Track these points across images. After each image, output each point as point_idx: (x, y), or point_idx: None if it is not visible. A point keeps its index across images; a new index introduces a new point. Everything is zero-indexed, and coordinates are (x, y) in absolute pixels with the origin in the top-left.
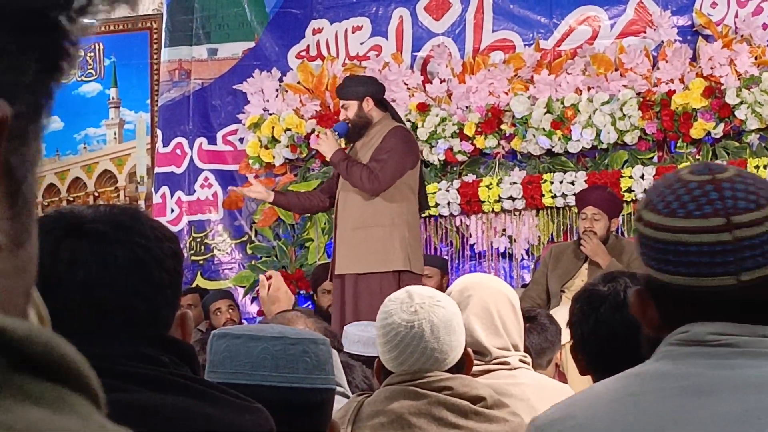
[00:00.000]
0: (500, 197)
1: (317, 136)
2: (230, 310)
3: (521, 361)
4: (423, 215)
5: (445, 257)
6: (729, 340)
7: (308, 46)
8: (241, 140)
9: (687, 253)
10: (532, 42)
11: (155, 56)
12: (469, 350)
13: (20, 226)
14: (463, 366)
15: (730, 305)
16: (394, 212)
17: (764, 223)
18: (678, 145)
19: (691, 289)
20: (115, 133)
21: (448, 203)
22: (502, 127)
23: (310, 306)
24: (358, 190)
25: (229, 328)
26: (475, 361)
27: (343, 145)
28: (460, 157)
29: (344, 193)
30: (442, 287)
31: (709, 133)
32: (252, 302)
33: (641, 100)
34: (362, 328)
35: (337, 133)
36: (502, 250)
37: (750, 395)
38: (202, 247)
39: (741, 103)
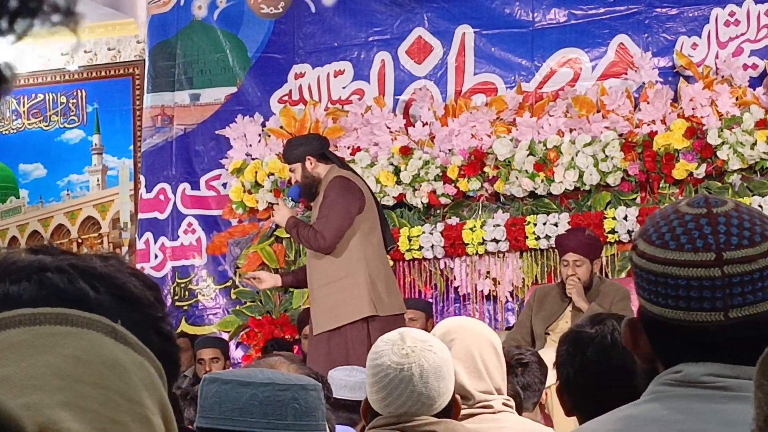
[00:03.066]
0: (484, 240)
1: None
2: (213, 362)
3: (504, 404)
4: (390, 248)
5: (430, 300)
6: (723, 383)
7: (290, 91)
8: (224, 185)
9: (676, 287)
10: (513, 84)
11: (138, 102)
12: (458, 396)
13: None
14: (450, 412)
15: (720, 342)
16: (350, 262)
17: (757, 260)
18: (661, 185)
19: (679, 323)
20: (98, 180)
21: (432, 246)
22: (485, 169)
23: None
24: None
25: (219, 373)
26: None
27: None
28: (443, 200)
29: (308, 256)
30: (426, 330)
31: (691, 174)
32: (237, 347)
33: (623, 141)
34: (347, 373)
35: (291, 198)
36: (486, 292)
37: None
38: (186, 293)
39: (723, 143)
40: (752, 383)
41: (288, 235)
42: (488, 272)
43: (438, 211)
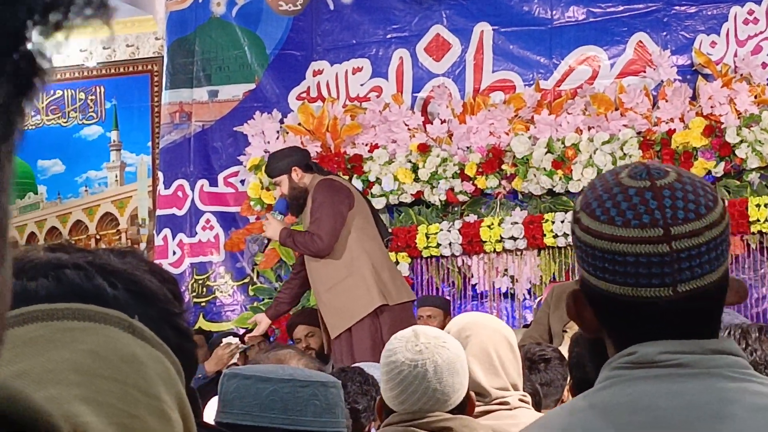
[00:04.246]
0: (502, 237)
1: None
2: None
3: (521, 400)
4: (387, 240)
5: (447, 297)
6: (679, 360)
7: (309, 88)
8: (242, 182)
9: (624, 263)
10: (532, 82)
11: (156, 99)
12: (472, 393)
13: None
14: (465, 407)
15: (669, 317)
16: (352, 258)
17: (704, 233)
18: None
19: (627, 299)
20: (116, 176)
21: (450, 244)
22: (503, 167)
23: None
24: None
25: (240, 368)
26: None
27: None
28: (461, 198)
29: (307, 263)
30: (444, 327)
31: (709, 172)
32: None
33: (641, 139)
34: (368, 368)
35: (278, 212)
36: (503, 290)
37: (704, 424)
38: (204, 289)
39: (741, 141)
40: (708, 357)
41: None
42: (506, 270)
43: (456, 209)
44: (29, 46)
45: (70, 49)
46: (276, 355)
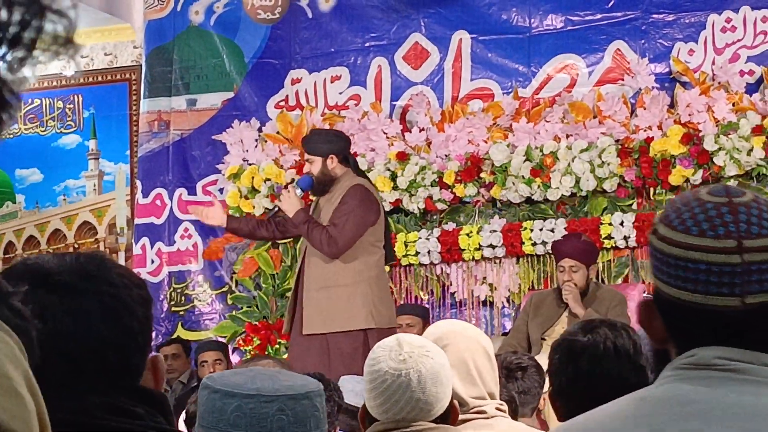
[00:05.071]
0: (480, 245)
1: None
2: (216, 364)
3: (498, 409)
4: (391, 265)
5: (426, 306)
6: (735, 366)
7: (287, 96)
8: (221, 190)
9: (696, 271)
10: (510, 90)
11: (134, 107)
12: (455, 402)
13: None
14: (448, 417)
15: (735, 327)
16: (355, 270)
17: None
18: (657, 191)
19: (696, 307)
20: (94, 185)
21: (429, 252)
22: (482, 175)
23: None
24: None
25: (214, 378)
26: None
27: (310, 198)
28: (439, 206)
29: (309, 254)
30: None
31: (687, 180)
32: (233, 352)
33: (620, 147)
34: (359, 380)
35: (300, 188)
36: (482, 298)
37: (747, 423)
38: (183, 298)
39: (719, 149)
40: (764, 369)
41: (284, 240)
42: (485, 278)
43: (434, 217)
44: None
45: None
46: (255, 364)
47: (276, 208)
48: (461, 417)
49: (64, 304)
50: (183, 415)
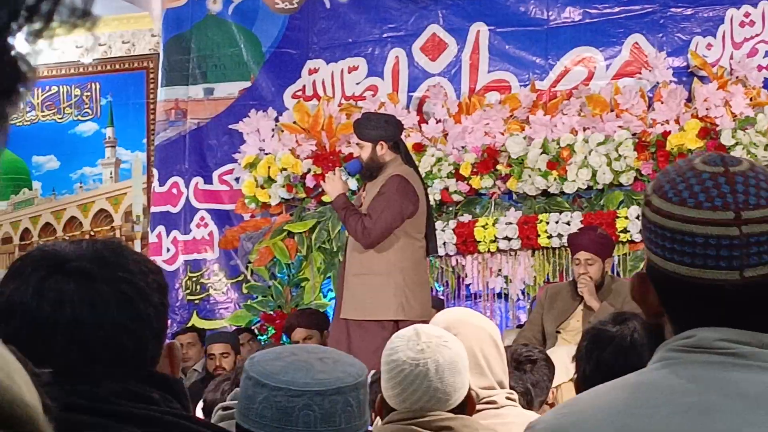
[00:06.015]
0: (496, 237)
1: (315, 176)
2: (223, 357)
3: (507, 398)
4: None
5: (441, 297)
6: (736, 349)
7: (304, 86)
8: (237, 180)
9: (693, 244)
10: (527, 82)
11: (152, 96)
12: (473, 392)
13: None
14: (465, 407)
15: (733, 303)
16: (389, 260)
17: None
18: None
19: (693, 281)
20: (111, 173)
21: (444, 243)
22: (498, 167)
23: None
24: None
25: (250, 363)
26: None
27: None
28: (456, 197)
29: (350, 241)
30: None
31: None
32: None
33: (636, 140)
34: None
35: (348, 172)
36: (497, 290)
37: (752, 415)
38: (198, 287)
39: (736, 144)
40: (764, 352)
41: (299, 230)
42: (500, 270)
43: (450, 209)
44: (12, 51)
45: (66, 46)
46: None
47: (293, 198)
48: None
49: (80, 290)
50: (201, 404)
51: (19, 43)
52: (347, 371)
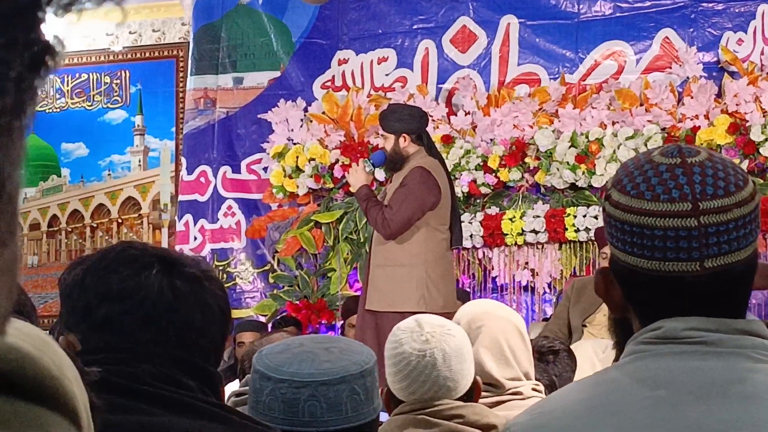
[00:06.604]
0: (523, 230)
1: (342, 166)
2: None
3: (534, 389)
4: (455, 249)
5: (467, 290)
6: (705, 337)
7: (333, 77)
8: (265, 169)
9: (652, 237)
10: (557, 76)
11: (181, 84)
12: (478, 378)
13: (4, 225)
14: (472, 394)
15: (696, 294)
16: (412, 252)
17: (732, 210)
18: None
19: (655, 273)
20: (139, 161)
21: (471, 235)
22: (526, 160)
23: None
24: None
25: (258, 357)
26: (488, 393)
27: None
28: (483, 190)
29: (376, 233)
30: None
31: None
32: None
33: (666, 135)
34: None
35: (372, 163)
36: (524, 283)
37: (722, 402)
38: (225, 276)
39: (766, 140)
40: (734, 337)
41: (327, 221)
42: (527, 263)
43: (478, 201)
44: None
45: (96, 33)
46: (269, 339)
47: (321, 188)
48: (497, 398)
49: (194, 294)
50: None
51: (48, 18)
52: (353, 359)
